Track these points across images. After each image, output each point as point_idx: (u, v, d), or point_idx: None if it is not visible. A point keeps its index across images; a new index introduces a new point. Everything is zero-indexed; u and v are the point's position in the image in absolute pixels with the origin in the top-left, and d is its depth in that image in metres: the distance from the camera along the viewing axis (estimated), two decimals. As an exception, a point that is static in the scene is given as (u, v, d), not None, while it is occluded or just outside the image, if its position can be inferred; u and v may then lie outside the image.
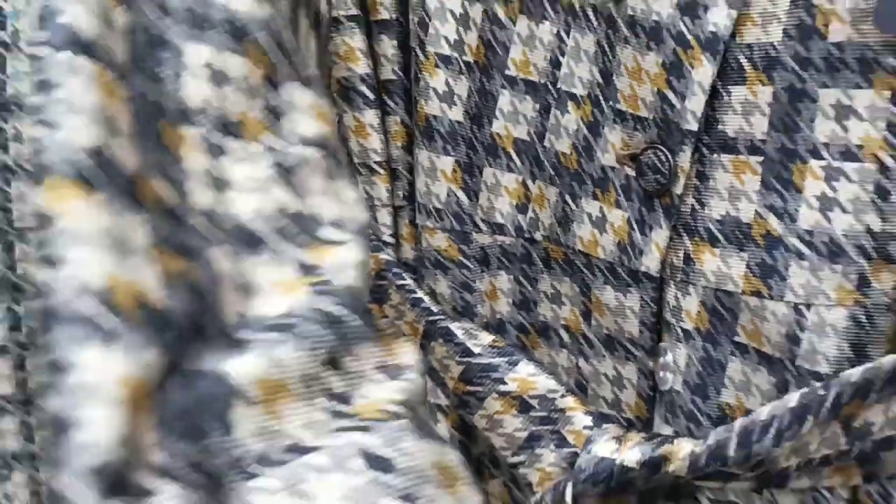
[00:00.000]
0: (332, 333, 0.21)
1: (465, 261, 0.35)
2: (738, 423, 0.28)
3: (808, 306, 0.28)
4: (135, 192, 0.20)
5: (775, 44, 0.28)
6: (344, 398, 0.21)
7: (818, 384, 0.27)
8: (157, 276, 0.19)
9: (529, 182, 0.34)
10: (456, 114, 0.33)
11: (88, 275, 0.18)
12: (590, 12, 0.31)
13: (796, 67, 0.27)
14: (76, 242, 0.18)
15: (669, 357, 0.31)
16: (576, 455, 0.30)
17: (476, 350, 0.33)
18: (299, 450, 0.20)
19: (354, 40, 0.33)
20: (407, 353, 0.23)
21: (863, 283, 0.27)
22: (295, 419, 0.20)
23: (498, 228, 0.34)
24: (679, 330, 0.31)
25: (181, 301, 0.20)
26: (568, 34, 0.32)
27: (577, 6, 0.31)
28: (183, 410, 0.19)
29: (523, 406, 0.32)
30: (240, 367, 0.20)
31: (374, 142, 0.35)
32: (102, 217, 0.19)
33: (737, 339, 0.30)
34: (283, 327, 0.20)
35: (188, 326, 0.19)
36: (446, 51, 0.33)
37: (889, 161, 0.27)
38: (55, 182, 0.19)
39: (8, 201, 0.43)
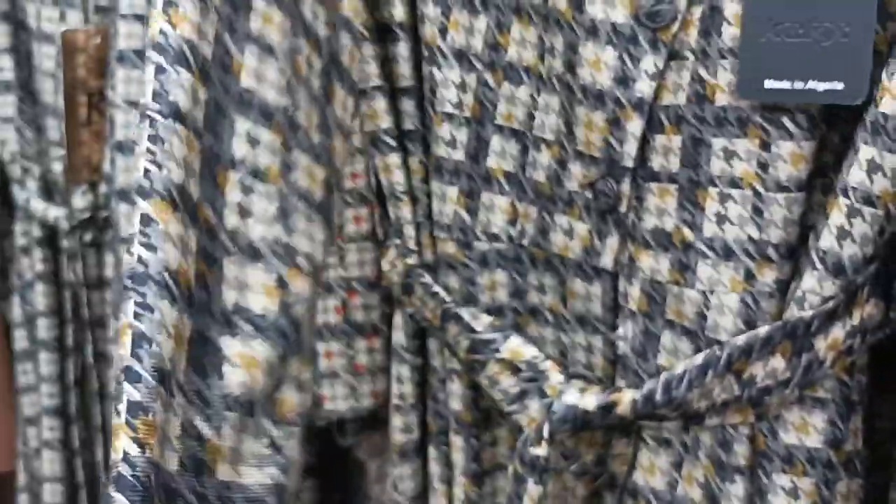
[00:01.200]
0: (280, 345, 0.33)
1: (468, 262, 0.46)
2: (663, 375, 0.39)
3: (712, 292, 0.39)
4: (196, 214, 0.31)
5: (682, 106, 0.38)
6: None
7: (717, 346, 0.38)
8: (195, 272, 0.31)
9: (517, 202, 0.45)
10: (458, 155, 0.45)
11: (170, 260, 0.30)
12: (554, 81, 0.42)
13: (696, 123, 0.38)
14: (166, 240, 0.30)
15: (621, 331, 0.42)
16: (552, 403, 0.42)
17: (479, 328, 0.45)
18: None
19: (378, 103, 0.45)
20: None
21: (749, 276, 0.38)
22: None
23: (494, 237, 0.46)
24: (627, 310, 0.42)
25: (201, 291, 0.31)
26: (539, 95, 0.43)
27: (544, 76, 0.42)
28: (198, 356, 0.30)
29: (514, 369, 0.43)
30: (230, 345, 0.31)
31: (398, 177, 0.46)
32: (179, 227, 0.30)
33: (666, 316, 0.41)
34: (258, 325, 0.32)
35: (205, 307, 0.31)
36: (449, 109, 0.44)
37: (760, 188, 0.37)
38: (156, 200, 0.30)
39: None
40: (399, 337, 0.48)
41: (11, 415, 0.81)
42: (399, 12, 0.45)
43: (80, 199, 0.69)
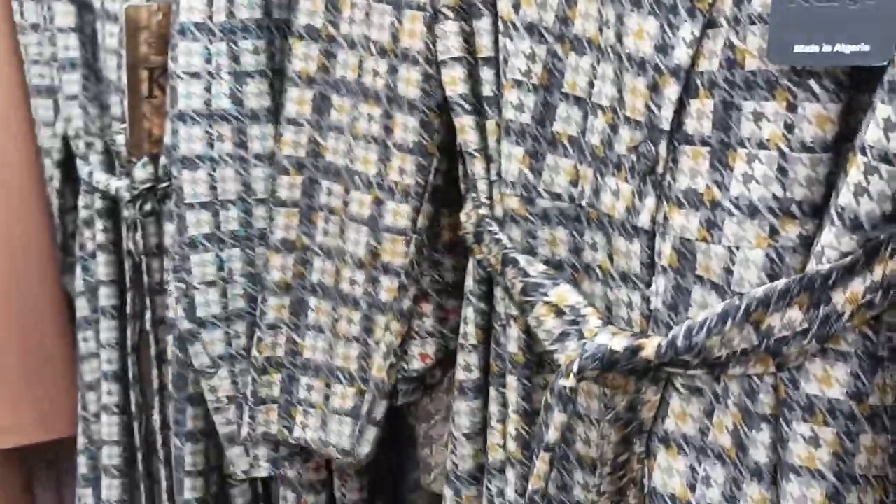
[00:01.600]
0: None
1: (530, 217, 0.51)
2: (685, 323, 0.42)
3: (737, 248, 0.41)
4: (294, 245, 0.58)
5: (714, 71, 0.41)
6: None
7: (737, 297, 0.40)
8: (293, 274, 0.55)
9: (578, 165, 0.49)
10: (525, 118, 0.50)
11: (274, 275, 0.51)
12: (609, 51, 0.46)
13: (727, 87, 0.41)
14: (272, 269, 0.55)
15: (654, 287, 0.45)
16: (586, 343, 0.45)
17: (532, 273, 0.49)
18: None
19: (457, 72, 0.51)
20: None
21: (773, 232, 0.40)
22: None
23: (557, 196, 0.50)
24: (660, 267, 0.45)
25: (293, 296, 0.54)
26: (598, 64, 0.47)
27: (602, 46, 0.46)
28: None
29: (558, 312, 0.48)
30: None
31: (471, 136, 0.52)
32: (281, 260, 0.54)
33: (696, 272, 0.43)
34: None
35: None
36: (518, 77, 0.49)
37: (786, 149, 0.39)
38: (271, 252, 0.57)
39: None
40: (469, 282, 0.54)
41: (72, 382, 0.85)
42: (483, -8, 0.51)
43: (141, 171, 0.71)
